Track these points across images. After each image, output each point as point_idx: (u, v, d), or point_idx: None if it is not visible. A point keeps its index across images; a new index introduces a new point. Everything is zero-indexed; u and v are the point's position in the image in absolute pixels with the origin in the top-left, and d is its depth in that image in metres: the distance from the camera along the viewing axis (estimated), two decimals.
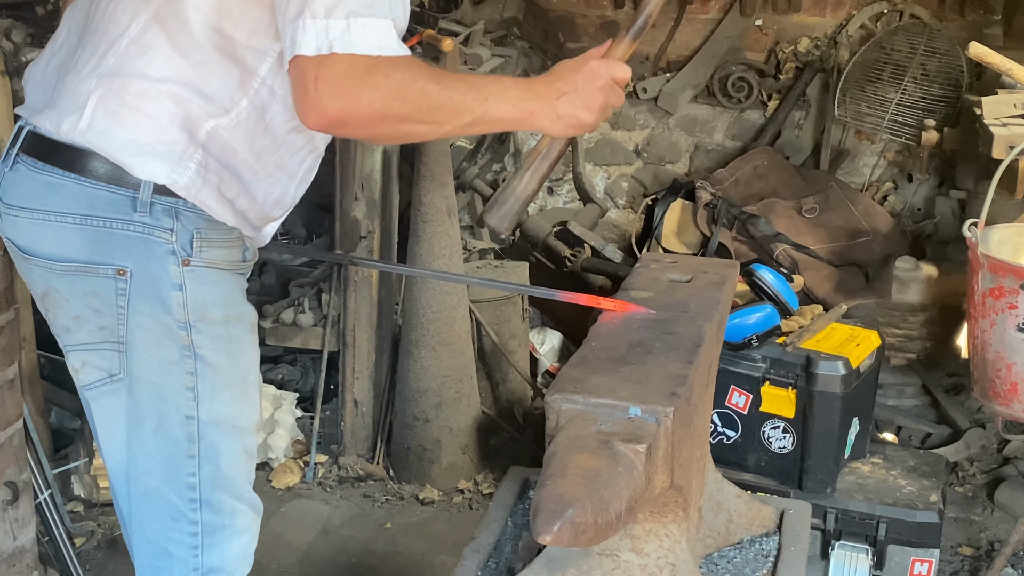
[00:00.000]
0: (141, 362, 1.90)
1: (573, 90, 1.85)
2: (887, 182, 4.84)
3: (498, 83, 1.82)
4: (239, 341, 1.96)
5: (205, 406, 1.92)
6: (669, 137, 5.09)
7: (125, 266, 1.85)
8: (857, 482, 3.27)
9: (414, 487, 3.75)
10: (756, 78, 4.91)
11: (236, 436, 1.98)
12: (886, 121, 4.52)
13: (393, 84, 1.68)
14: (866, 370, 3.33)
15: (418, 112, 1.73)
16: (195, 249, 1.87)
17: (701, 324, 2.04)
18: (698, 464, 2.07)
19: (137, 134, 1.80)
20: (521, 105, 1.81)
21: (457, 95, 1.75)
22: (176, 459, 1.94)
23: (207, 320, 1.90)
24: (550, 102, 1.83)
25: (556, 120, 1.84)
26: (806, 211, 4.51)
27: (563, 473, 1.60)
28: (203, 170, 1.83)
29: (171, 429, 1.92)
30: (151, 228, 1.84)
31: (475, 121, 1.79)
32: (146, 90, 1.80)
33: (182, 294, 1.87)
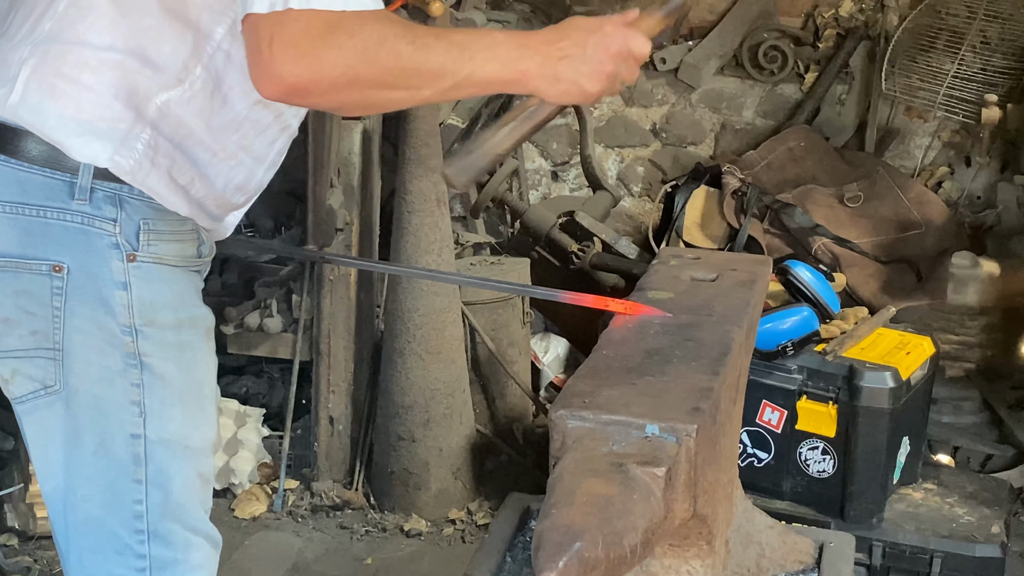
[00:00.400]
0: (80, 372, 1.89)
1: (580, 52, 1.81)
2: (942, 166, 4.83)
3: (486, 38, 1.79)
4: (193, 349, 1.95)
5: (153, 423, 1.92)
6: (691, 115, 5.09)
7: (61, 261, 1.84)
8: (908, 511, 3.26)
9: (398, 517, 3.74)
10: (791, 47, 4.90)
11: (189, 458, 1.97)
12: (941, 96, 4.52)
13: (359, 44, 1.66)
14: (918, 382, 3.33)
15: (390, 76, 1.70)
16: (142, 242, 1.86)
17: (728, 329, 2.03)
18: (725, 490, 2.06)
19: (75, 110, 1.79)
20: (514, 64, 1.78)
21: (436, 55, 1.72)
22: (120, 484, 1.93)
23: (156, 324, 1.89)
24: (550, 62, 1.79)
25: (554, 83, 1.81)
26: (849, 200, 4.50)
27: (570, 501, 1.60)
28: (152, 151, 1.82)
29: (114, 449, 1.91)
30: (91, 218, 1.83)
31: (458, 84, 1.76)
32: (86, 59, 1.79)
33: (127, 294, 1.86)
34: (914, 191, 4.55)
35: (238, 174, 1.94)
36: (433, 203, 3.62)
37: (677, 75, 5.03)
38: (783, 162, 4.66)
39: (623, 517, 1.60)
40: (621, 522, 1.59)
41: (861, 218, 4.44)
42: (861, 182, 4.55)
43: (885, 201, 4.50)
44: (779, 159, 4.67)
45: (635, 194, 5.17)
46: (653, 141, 5.15)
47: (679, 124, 5.10)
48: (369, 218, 3.87)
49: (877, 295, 4.15)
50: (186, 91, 1.82)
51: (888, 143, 4.84)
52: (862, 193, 4.51)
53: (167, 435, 1.93)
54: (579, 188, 5.16)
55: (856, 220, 4.43)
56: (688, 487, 1.75)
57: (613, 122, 5.15)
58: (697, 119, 5.09)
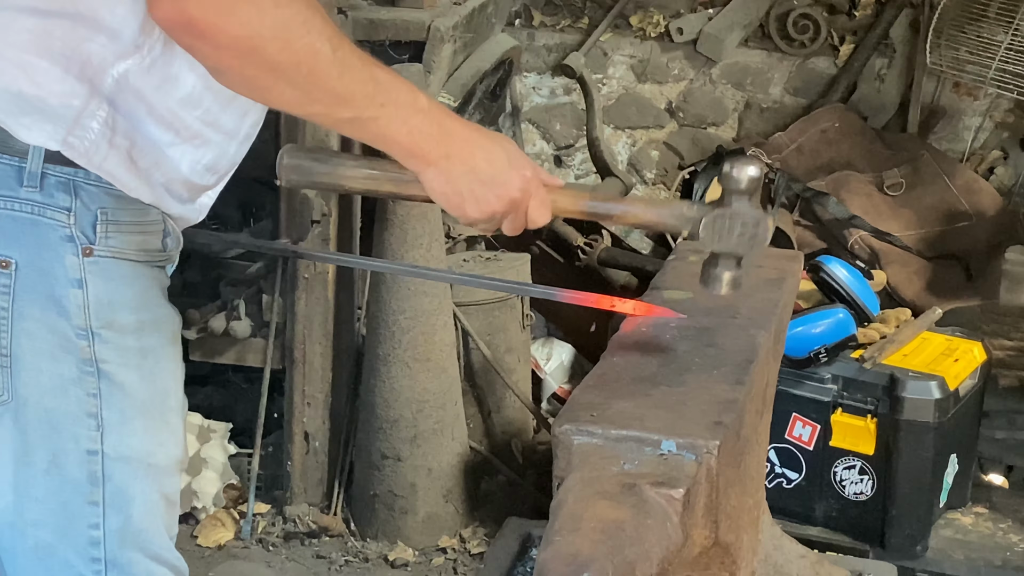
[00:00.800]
0: (29, 381, 1.88)
1: (487, 174, 1.83)
2: (994, 150, 4.84)
3: (410, 96, 1.78)
4: (156, 355, 1.95)
5: (112, 438, 1.91)
6: (712, 92, 5.10)
7: (8, 256, 1.83)
8: (956, 538, 3.27)
9: (382, 545, 3.75)
10: (825, 15, 4.91)
11: (153, 477, 1.96)
12: (993, 70, 4.52)
13: (282, 18, 1.66)
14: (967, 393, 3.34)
15: (295, 71, 1.69)
16: (99, 235, 1.86)
17: (754, 334, 2.04)
18: (750, 515, 2.07)
19: (21, 85, 1.78)
20: (420, 140, 1.79)
21: (352, 79, 1.72)
22: (74, 506, 1.92)
23: (115, 327, 1.89)
24: (454, 162, 1.82)
25: (444, 182, 1.83)
26: (889, 188, 4.51)
27: (576, 527, 1.60)
28: (109, 131, 1.81)
29: (68, 467, 1.91)
30: (42, 207, 1.83)
31: (355, 121, 1.76)
32: (32, 27, 1.78)
33: (82, 292, 1.86)
34: (963, 178, 4.56)
35: (206, 154, 1.92)
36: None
37: (696, 47, 5.03)
38: (815, 145, 4.67)
39: (636, 545, 1.60)
40: (633, 551, 1.59)
41: (903, 208, 4.45)
42: (903, 168, 4.56)
43: (930, 189, 4.51)
44: (811, 142, 4.67)
45: (648, 181, 5.18)
46: (669, 121, 5.16)
47: (698, 102, 5.11)
48: (349, 208, 3.88)
49: (921, 295, 4.16)
50: (144, 58, 1.81)
51: (933, 124, 4.84)
52: (904, 180, 4.52)
53: (127, 451, 1.93)
54: (586, 174, 5.16)
55: (897, 211, 4.43)
56: (709, 511, 1.75)
57: (624, 100, 5.15)
58: (718, 97, 5.10)
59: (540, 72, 5.19)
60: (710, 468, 1.73)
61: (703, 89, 5.09)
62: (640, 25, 5.05)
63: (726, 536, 1.83)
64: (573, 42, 5.10)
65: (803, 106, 4.97)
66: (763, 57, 5.03)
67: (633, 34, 5.08)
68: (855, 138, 4.70)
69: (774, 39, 4.98)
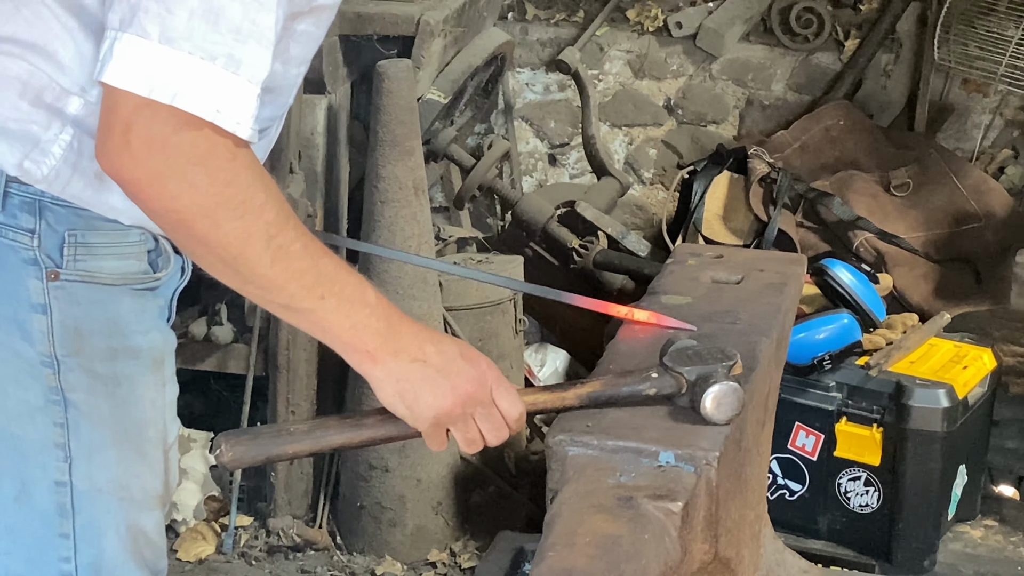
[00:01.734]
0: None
1: (441, 365, 1.76)
2: (1004, 149, 4.84)
3: (356, 290, 1.73)
4: (132, 383, 1.93)
5: (81, 469, 1.90)
6: (712, 88, 5.10)
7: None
8: (965, 552, 3.27)
9: (369, 559, 3.75)
10: (829, 9, 4.91)
11: (126, 512, 1.95)
12: (1003, 66, 4.53)
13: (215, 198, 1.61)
14: (977, 401, 3.34)
15: (223, 251, 1.65)
16: (67, 257, 1.84)
17: (755, 340, 2.04)
18: (751, 528, 2.06)
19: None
20: (364, 335, 1.73)
21: (285, 269, 1.68)
22: (44, 538, 1.91)
23: (83, 354, 1.87)
24: (402, 357, 1.74)
25: (394, 383, 1.75)
26: (896, 188, 4.51)
27: (570, 541, 1.60)
28: (74, 155, 1.79)
29: (37, 497, 1.90)
30: (4, 228, 1.82)
31: (288, 308, 1.71)
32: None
33: (46, 318, 1.85)
34: (972, 178, 4.56)
35: None
36: (410, 191, 3.62)
37: (695, 42, 5.03)
38: (819, 144, 4.67)
39: (632, 560, 1.60)
40: (630, 566, 1.59)
41: (910, 209, 4.45)
42: (910, 167, 4.56)
43: (938, 189, 4.51)
44: (814, 140, 4.67)
45: (646, 181, 5.17)
46: (667, 119, 5.16)
47: (698, 99, 5.11)
48: (335, 209, 3.87)
49: (929, 299, 4.16)
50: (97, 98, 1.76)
51: (942, 122, 4.85)
52: (911, 180, 4.52)
53: (98, 484, 1.91)
54: (581, 174, 5.16)
55: (904, 212, 4.43)
56: (708, 525, 1.75)
57: (620, 97, 5.15)
58: (719, 93, 5.10)
59: (534, 68, 5.19)
60: (709, 480, 1.73)
61: (703, 85, 5.09)
62: (638, 19, 5.05)
63: (726, 551, 1.83)
64: (568, 36, 5.09)
65: (806, 103, 4.97)
66: (765, 52, 5.03)
67: (630, 28, 5.08)
68: (860, 136, 4.70)
69: (776, 34, 4.98)
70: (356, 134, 3.99)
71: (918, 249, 4.32)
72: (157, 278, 1.95)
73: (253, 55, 1.62)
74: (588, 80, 4.64)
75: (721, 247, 3.98)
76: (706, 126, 5.11)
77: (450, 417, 1.78)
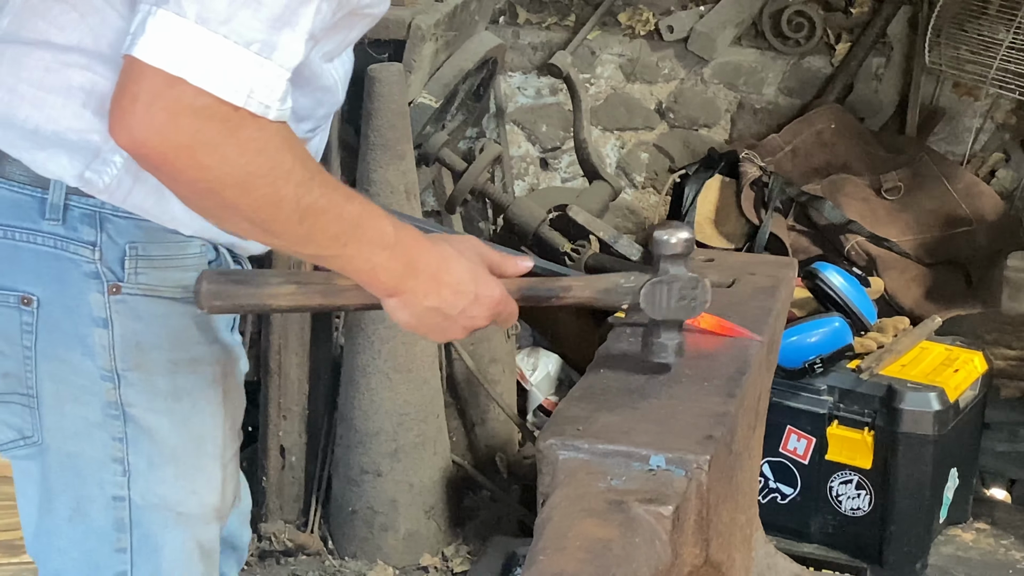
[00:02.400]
0: (52, 426, 1.87)
1: (456, 308, 1.83)
2: (995, 152, 4.85)
3: (377, 232, 1.76)
4: (193, 398, 1.92)
5: (139, 484, 1.89)
6: (704, 92, 5.10)
7: (31, 293, 1.82)
8: (957, 555, 3.27)
9: (361, 563, 3.74)
10: (820, 12, 4.92)
11: (184, 526, 1.95)
12: (994, 70, 4.53)
13: (245, 167, 1.61)
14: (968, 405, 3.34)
15: (254, 213, 1.66)
16: (128, 271, 1.83)
17: (746, 344, 2.04)
18: (742, 532, 2.06)
19: (37, 121, 1.77)
20: (385, 277, 1.77)
21: (313, 223, 1.70)
22: (99, 555, 1.91)
23: (143, 368, 1.86)
24: (418, 295, 1.80)
25: (408, 315, 1.82)
26: (887, 191, 4.51)
27: (561, 545, 1.60)
28: (135, 165, 1.73)
29: (92, 515, 1.90)
30: (65, 241, 1.81)
31: (316, 257, 1.75)
32: (48, 63, 1.76)
33: (107, 332, 1.84)
34: (963, 181, 4.56)
35: None
36: (402, 195, 3.62)
37: (687, 46, 5.04)
38: (810, 147, 4.67)
39: (623, 564, 1.60)
40: (621, 570, 1.59)
41: (901, 213, 4.45)
42: (901, 171, 4.56)
43: (929, 193, 4.51)
44: (806, 144, 4.68)
45: (638, 185, 5.18)
46: (659, 123, 5.16)
47: (689, 103, 5.11)
48: None
49: (920, 303, 4.16)
50: None
51: (933, 125, 4.85)
52: (902, 184, 4.52)
53: (155, 499, 1.91)
54: (573, 178, 5.16)
55: (896, 215, 4.44)
56: (699, 529, 1.75)
57: (612, 100, 5.15)
58: (710, 97, 5.10)
59: (525, 71, 5.19)
60: (700, 484, 1.73)
61: (694, 89, 5.10)
62: (629, 23, 5.05)
63: (717, 555, 1.83)
64: (560, 40, 5.10)
65: (798, 107, 4.98)
66: (756, 56, 5.03)
67: (622, 32, 5.08)
68: (851, 140, 4.70)
69: (768, 37, 4.98)
70: (348, 138, 3.99)
71: (909, 253, 4.32)
72: None
73: (288, 41, 1.62)
74: (580, 84, 4.64)
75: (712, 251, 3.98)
76: (698, 130, 5.12)
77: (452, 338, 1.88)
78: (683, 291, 1.89)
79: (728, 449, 1.83)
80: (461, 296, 1.82)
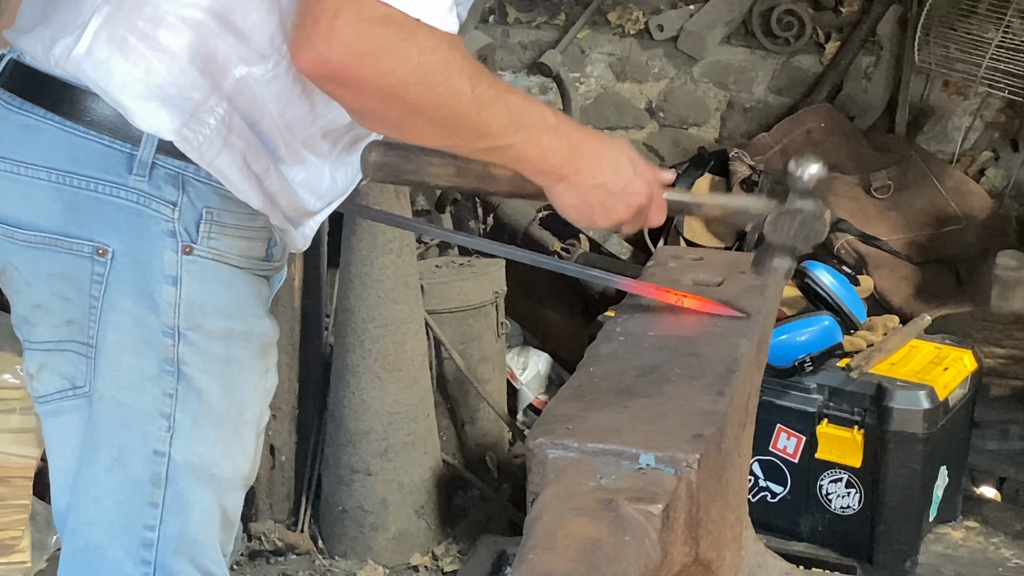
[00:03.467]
0: (107, 375, 1.91)
1: (616, 187, 1.95)
2: (985, 151, 4.86)
3: (539, 116, 1.88)
4: (241, 366, 1.97)
5: (181, 441, 1.93)
6: (693, 91, 5.10)
7: (107, 244, 1.86)
8: (946, 553, 3.28)
9: (351, 563, 3.74)
10: (810, 11, 4.92)
11: (215, 489, 1.98)
12: (983, 69, 4.54)
13: (425, 64, 1.72)
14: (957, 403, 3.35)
15: (436, 111, 1.77)
16: (202, 234, 1.88)
17: (736, 343, 2.04)
18: (732, 531, 2.06)
19: (146, 70, 1.81)
20: (553, 160, 1.90)
21: (489, 111, 1.81)
22: (132, 507, 1.94)
23: (202, 330, 1.91)
24: (584, 177, 1.92)
25: (575, 197, 1.94)
26: (877, 190, 4.52)
27: (551, 544, 1.60)
28: (225, 129, 1.84)
29: (132, 465, 1.93)
30: (148, 198, 1.85)
31: (492, 149, 1.86)
32: (164, 14, 1.81)
33: (175, 290, 1.88)
34: (952, 180, 4.57)
35: (299, 173, 1.96)
36: (391, 195, 3.62)
37: (677, 45, 5.04)
38: (800, 146, 4.68)
39: (613, 563, 1.60)
40: (611, 569, 1.59)
41: (891, 212, 4.46)
42: (891, 170, 4.57)
43: (919, 192, 4.52)
44: (795, 143, 4.68)
45: None
46: (649, 122, 5.16)
47: (679, 102, 5.12)
48: None
49: (910, 301, 4.17)
50: (269, 70, 1.84)
51: (922, 124, 4.86)
52: (892, 182, 4.53)
53: (194, 458, 1.95)
54: None
55: (885, 214, 4.44)
56: (689, 528, 1.75)
57: (602, 99, 5.16)
58: (700, 96, 5.10)
59: (515, 70, 5.19)
60: (690, 483, 1.73)
61: (684, 88, 5.10)
62: (619, 22, 5.05)
63: (707, 553, 1.83)
64: (549, 39, 5.10)
65: (787, 106, 4.98)
66: (746, 55, 5.04)
67: (612, 31, 5.08)
68: (841, 139, 4.71)
69: (758, 36, 4.99)
70: None
71: (899, 251, 4.33)
72: (272, 266, 2.01)
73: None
74: (570, 83, 4.65)
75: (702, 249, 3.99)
76: (687, 128, 5.12)
77: (617, 224, 2.00)
78: (804, 223, 2.02)
79: (718, 448, 1.83)
80: (621, 173, 1.95)
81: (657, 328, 2.08)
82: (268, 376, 2.05)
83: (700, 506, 1.76)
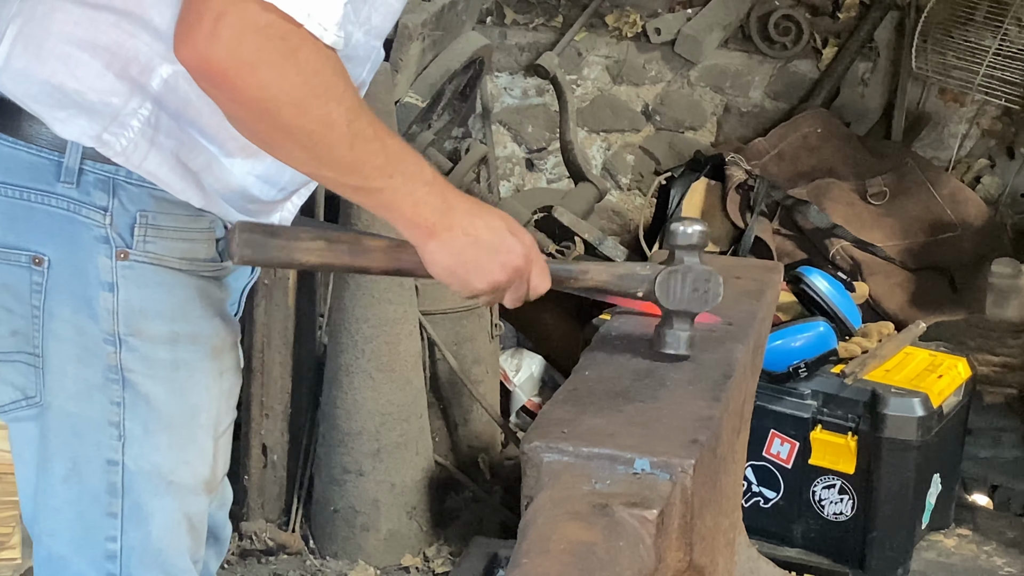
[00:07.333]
0: (55, 385, 1.90)
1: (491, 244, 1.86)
2: (981, 158, 4.86)
3: (416, 167, 1.81)
4: (190, 369, 1.95)
5: (133, 450, 1.92)
6: (690, 95, 5.10)
7: (42, 253, 1.86)
8: (939, 560, 3.28)
9: (342, 563, 3.74)
10: (807, 16, 4.93)
11: (174, 496, 1.97)
12: (980, 76, 4.54)
13: (302, 85, 1.67)
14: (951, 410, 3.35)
15: (307, 135, 1.70)
16: (137, 238, 1.86)
17: (731, 348, 2.04)
18: (726, 536, 2.06)
19: (62, 78, 1.79)
20: (426, 212, 1.81)
21: (362, 150, 1.74)
22: (91, 517, 1.93)
23: (144, 335, 1.90)
24: (457, 233, 1.83)
25: (448, 255, 1.84)
26: (872, 196, 4.52)
27: (544, 548, 1.60)
28: (151, 130, 1.82)
29: (88, 476, 1.92)
30: (78, 204, 1.84)
31: (362, 190, 1.78)
32: (77, 18, 1.79)
33: (112, 296, 1.87)
34: (948, 187, 4.57)
35: (257, 165, 1.92)
36: None
37: (674, 48, 5.04)
38: (796, 151, 4.68)
39: (607, 568, 1.59)
40: (605, 574, 1.59)
41: (887, 218, 4.46)
42: (887, 176, 4.57)
43: (914, 198, 4.52)
44: (792, 148, 4.68)
45: (623, 187, 5.18)
46: (645, 125, 5.16)
47: (675, 106, 5.12)
48: (308, 213, 3.86)
49: (904, 308, 4.17)
50: None
51: (919, 130, 4.86)
52: (888, 189, 4.53)
53: (148, 466, 1.94)
54: (558, 179, 5.16)
55: (881, 220, 4.45)
56: (683, 533, 1.75)
57: (599, 102, 5.15)
58: (696, 100, 5.10)
59: (512, 72, 5.19)
60: (685, 488, 1.72)
61: (681, 92, 5.10)
62: (616, 25, 5.05)
63: (701, 559, 1.83)
64: (547, 41, 5.10)
65: (784, 111, 4.99)
66: (743, 59, 5.04)
67: (609, 34, 5.08)
68: (837, 144, 4.71)
69: (755, 41, 4.99)
70: None
71: (894, 258, 4.33)
72: (223, 267, 1.97)
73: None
74: (566, 85, 4.64)
75: None
76: (684, 132, 5.12)
77: (491, 291, 1.89)
78: (697, 282, 1.94)
79: (713, 453, 1.82)
80: (497, 232, 1.87)
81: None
82: (224, 378, 2.01)
83: (695, 511, 1.76)
